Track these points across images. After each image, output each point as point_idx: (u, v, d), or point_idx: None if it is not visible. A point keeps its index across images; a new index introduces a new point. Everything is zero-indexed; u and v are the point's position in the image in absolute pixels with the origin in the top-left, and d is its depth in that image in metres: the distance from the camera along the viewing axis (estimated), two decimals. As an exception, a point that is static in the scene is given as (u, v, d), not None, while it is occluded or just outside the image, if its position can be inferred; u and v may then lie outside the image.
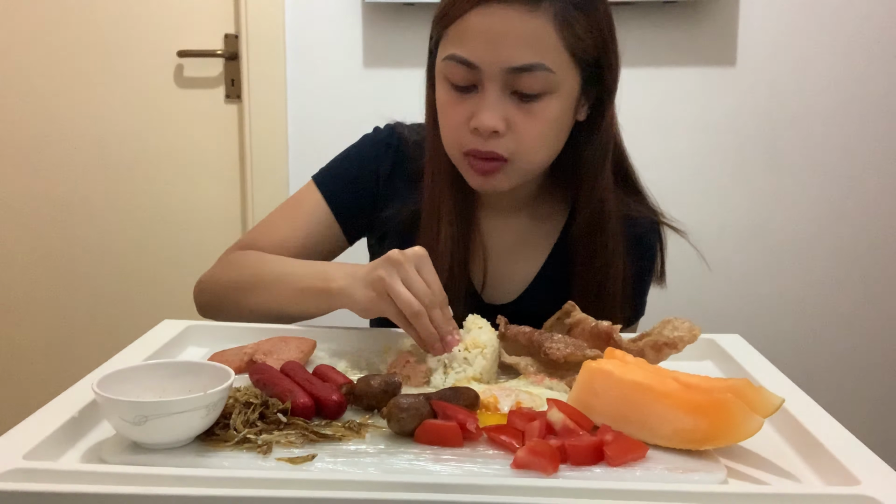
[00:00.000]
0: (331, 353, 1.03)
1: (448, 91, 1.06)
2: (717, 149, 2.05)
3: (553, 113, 1.04)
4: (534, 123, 1.03)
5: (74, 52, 2.11)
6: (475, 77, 1.02)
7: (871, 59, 2.01)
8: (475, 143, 1.04)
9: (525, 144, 1.04)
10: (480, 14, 1.00)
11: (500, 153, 1.04)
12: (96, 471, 0.68)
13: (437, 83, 1.09)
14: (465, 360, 0.92)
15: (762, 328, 2.10)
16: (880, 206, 2.07)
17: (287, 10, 2.03)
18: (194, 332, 1.06)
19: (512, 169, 1.06)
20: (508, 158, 1.04)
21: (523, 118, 1.03)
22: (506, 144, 1.04)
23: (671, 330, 0.93)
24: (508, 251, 1.19)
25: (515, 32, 1.00)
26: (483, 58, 1.01)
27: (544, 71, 1.01)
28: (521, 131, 1.03)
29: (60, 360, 2.20)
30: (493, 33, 1.00)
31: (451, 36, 1.04)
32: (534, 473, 0.68)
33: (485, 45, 1.00)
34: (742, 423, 0.72)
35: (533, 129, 1.04)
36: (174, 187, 2.16)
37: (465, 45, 1.02)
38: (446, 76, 1.05)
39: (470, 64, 1.02)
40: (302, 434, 0.75)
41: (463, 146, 1.05)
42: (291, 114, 2.07)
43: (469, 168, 1.07)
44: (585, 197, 1.14)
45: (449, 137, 1.08)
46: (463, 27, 1.02)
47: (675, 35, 2.01)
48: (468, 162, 1.06)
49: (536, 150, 1.06)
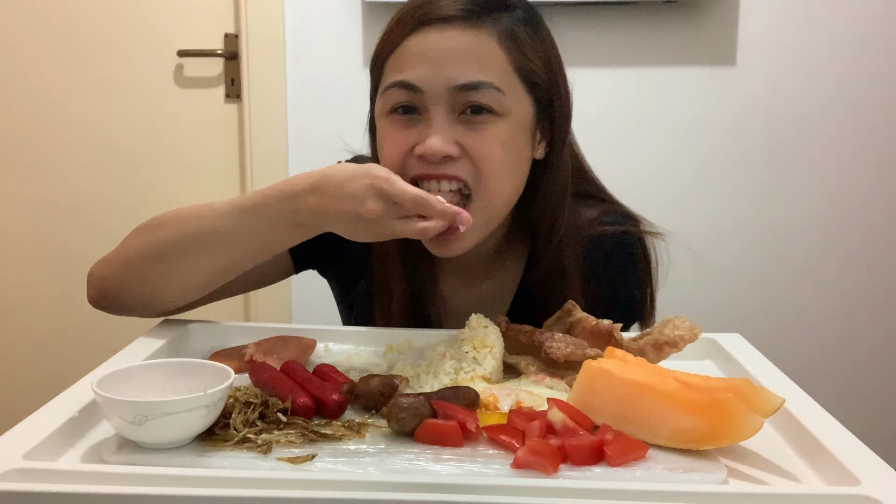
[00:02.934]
0: (331, 353, 1.03)
1: (391, 123, 0.96)
2: (717, 149, 2.05)
3: (506, 136, 0.95)
4: (488, 145, 0.94)
5: (74, 52, 2.11)
6: (419, 101, 0.94)
7: (872, 58, 2.01)
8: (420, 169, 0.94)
9: (485, 170, 0.94)
10: (419, 38, 0.94)
11: (457, 174, 0.94)
12: (96, 471, 0.67)
13: (381, 124, 0.99)
14: (475, 360, 0.92)
15: (762, 328, 2.10)
16: (881, 206, 2.07)
17: (287, 10, 2.03)
18: (194, 332, 1.06)
19: (475, 209, 0.94)
20: (471, 191, 0.95)
21: (475, 141, 0.94)
22: (462, 168, 0.94)
23: (672, 329, 0.93)
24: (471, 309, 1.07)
25: (458, 50, 0.93)
26: (425, 78, 0.93)
27: (492, 89, 0.94)
28: (476, 154, 0.94)
29: (60, 360, 2.19)
30: (434, 53, 0.93)
31: (389, 68, 0.97)
32: (534, 473, 0.68)
33: (426, 65, 0.93)
34: (742, 423, 0.72)
35: (489, 152, 0.94)
36: (174, 187, 2.16)
37: (406, 68, 0.94)
38: (385, 109, 0.97)
39: (412, 87, 0.94)
40: (302, 434, 0.75)
41: (406, 177, 0.94)
42: (291, 114, 2.07)
43: None
44: (543, 244, 1.06)
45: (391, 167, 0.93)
46: (400, 54, 0.95)
47: (675, 35, 2.00)
48: None
49: (498, 180, 0.96)
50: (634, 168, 2.04)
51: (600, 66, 2.02)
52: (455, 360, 0.93)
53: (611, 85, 2.03)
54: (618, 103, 2.04)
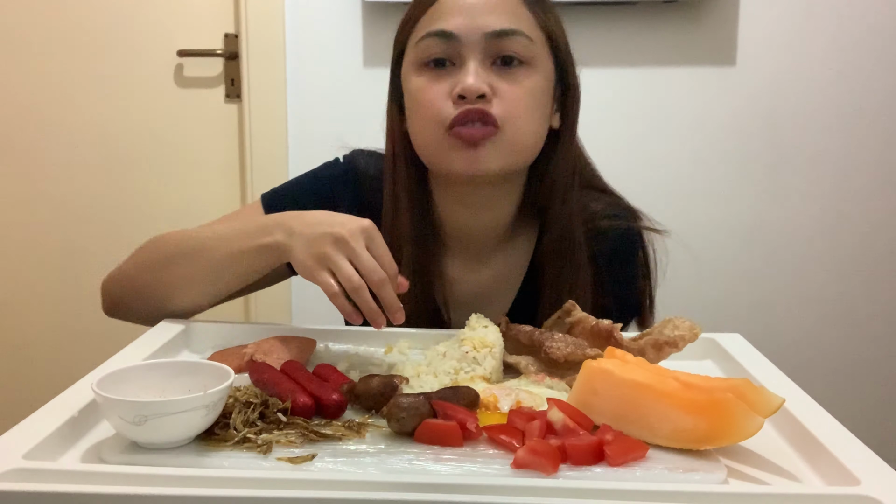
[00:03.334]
0: (331, 353, 1.03)
1: (423, 75, 1.02)
2: (717, 149, 2.05)
3: (533, 85, 1.01)
4: (517, 90, 1.00)
5: (74, 52, 2.11)
6: (453, 51, 1.00)
7: (871, 58, 2.01)
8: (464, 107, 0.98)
9: (513, 111, 0.99)
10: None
11: (491, 113, 0.98)
12: (96, 471, 0.67)
13: (407, 76, 1.04)
14: (475, 360, 0.92)
15: (762, 328, 2.10)
16: (880, 206, 2.07)
17: (287, 10, 2.03)
18: (194, 332, 1.06)
19: (500, 140, 0.99)
20: (499, 126, 0.99)
21: (507, 85, 1.00)
22: (494, 108, 0.99)
23: (672, 329, 0.93)
24: (479, 294, 1.14)
25: (490, 3, 1.00)
26: (461, 26, 0.99)
27: (523, 37, 1.00)
28: (507, 97, 0.99)
29: (60, 360, 2.19)
30: (468, 4, 1.00)
31: (423, 23, 1.02)
32: (534, 473, 0.68)
33: (461, 15, 1.00)
34: (742, 423, 0.72)
35: (519, 97, 1.00)
36: (174, 187, 2.16)
37: (442, 20, 1.00)
38: (420, 59, 1.02)
39: (448, 35, 0.99)
40: (302, 434, 0.75)
41: (446, 121, 0.99)
42: (291, 114, 2.07)
43: (454, 143, 0.99)
44: (554, 217, 1.09)
45: (427, 118, 1.00)
46: (434, 11, 1.02)
47: (675, 35, 2.01)
48: (453, 138, 0.99)
49: (524, 121, 1.01)
50: (634, 168, 2.04)
51: (600, 66, 2.02)
52: (455, 360, 0.93)
53: (611, 85, 2.03)
54: (618, 103, 2.04)
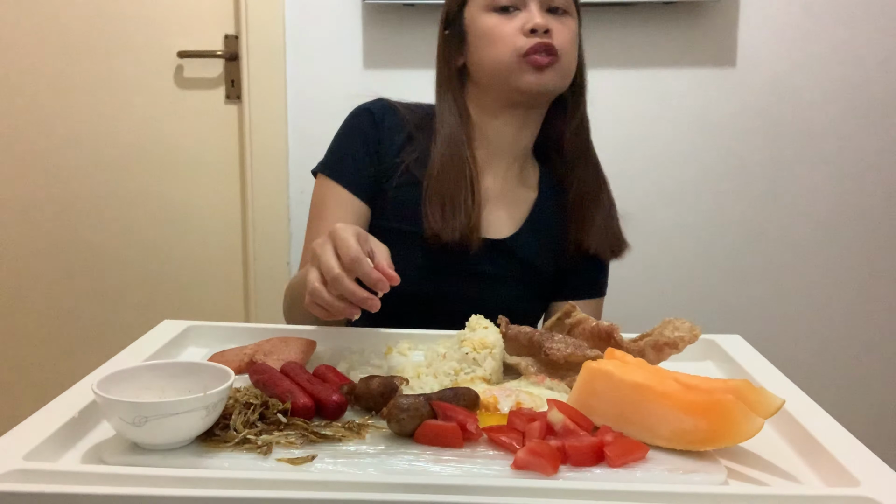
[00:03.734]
0: (331, 354, 1.03)
1: (493, 17, 1.24)
2: (717, 149, 2.05)
3: (574, 29, 1.26)
4: (565, 31, 1.24)
5: (75, 53, 2.11)
6: (517, 0, 1.23)
7: (871, 58, 2.01)
8: (534, 40, 1.20)
9: (566, 46, 1.23)
10: None
11: (554, 45, 1.21)
12: (96, 472, 0.68)
13: (477, 18, 1.25)
14: (475, 361, 0.92)
15: (762, 328, 2.10)
16: (880, 206, 2.07)
17: (287, 10, 2.03)
18: (194, 333, 1.07)
19: (559, 67, 1.22)
20: (559, 54, 1.21)
21: (559, 27, 1.23)
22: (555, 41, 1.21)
23: (672, 330, 0.93)
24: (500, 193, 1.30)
25: None
26: None
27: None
28: (560, 35, 1.23)
29: (60, 361, 2.19)
30: None
31: None
32: (534, 474, 0.68)
33: None
34: (742, 424, 0.72)
35: (567, 35, 1.24)
36: (174, 187, 2.16)
37: None
38: (490, 4, 1.24)
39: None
40: (302, 435, 0.75)
41: (520, 49, 1.20)
42: (291, 114, 2.07)
43: (526, 67, 1.21)
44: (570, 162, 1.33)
45: (504, 48, 1.22)
46: None
47: (675, 35, 2.01)
48: (526, 62, 1.20)
49: (572, 54, 1.25)
50: (635, 168, 2.04)
51: (600, 67, 2.02)
52: (455, 361, 0.93)
53: (611, 86, 2.03)
54: (618, 104, 2.04)
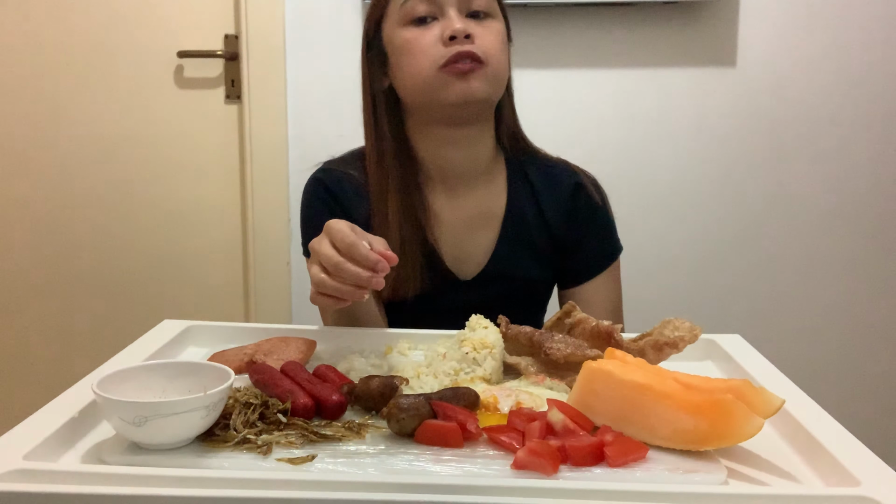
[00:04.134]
0: (331, 354, 1.03)
1: (410, 30, 1.18)
2: (717, 149, 2.05)
3: (499, 30, 1.20)
4: (489, 35, 1.18)
5: (74, 53, 2.11)
6: (434, 8, 1.17)
7: (871, 58, 2.01)
8: (454, 49, 1.15)
9: (491, 49, 1.17)
10: None
11: (476, 53, 1.15)
12: (96, 471, 0.68)
13: (393, 34, 1.20)
14: (474, 361, 0.92)
15: (762, 328, 2.10)
16: (880, 206, 2.07)
17: (287, 10, 2.03)
18: (194, 333, 1.07)
19: (486, 73, 1.16)
20: (483, 60, 1.15)
21: (481, 31, 1.17)
22: (477, 47, 1.16)
23: (672, 330, 0.93)
24: (463, 226, 1.25)
25: None
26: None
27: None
28: (483, 40, 1.17)
29: (60, 360, 2.19)
30: None
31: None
32: (534, 474, 0.68)
33: None
34: (742, 424, 0.72)
35: (492, 39, 1.18)
36: (174, 187, 2.16)
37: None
38: (405, 18, 1.18)
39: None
40: (302, 434, 0.75)
41: (439, 60, 1.15)
42: (291, 114, 2.07)
43: (448, 78, 1.15)
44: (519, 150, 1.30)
45: (422, 61, 1.16)
46: None
47: (675, 35, 2.00)
48: (447, 73, 1.15)
49: (500, 59, 1.19)
50: (634, 168, 2.04)
51: (600, 67, 2.02)
52: (455, 361, 0.93)
53: (611, 85, 2.03)
54: (618, 103, 2.04)
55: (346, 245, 0.92)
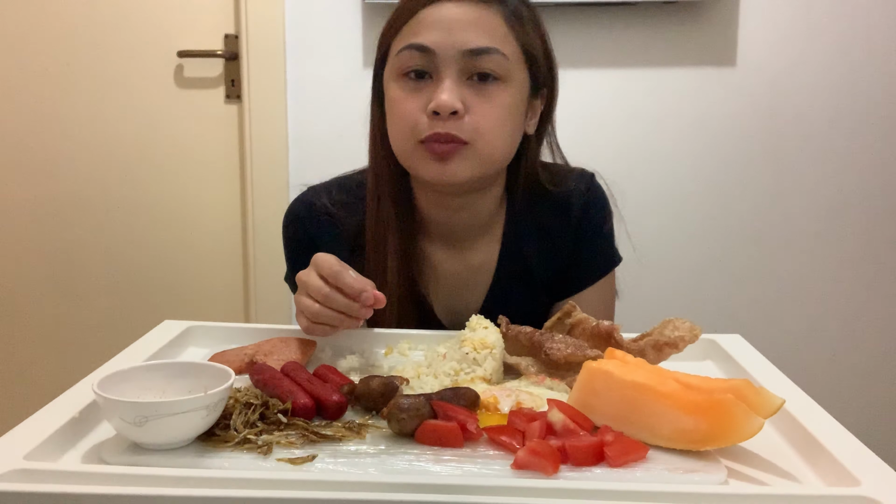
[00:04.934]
0: (331, 354, 1.03)
1: (401, 86, 1.06)
2: (717, 149, 2.05)
3: (507, 100, 1.05)
4: (490, 107, 1.04)
5: (74, 53, 2.11)
6: (431, 64, 1.03)
7: (871, 58, 2.01)
8: (434, 127, 1.02)
9: (483, 127, 1.04)
10: (434, 8, 1.04)
11: (459, 136, 1.03)
12: (96, 471, 0.68)
13: (388, 83, 1.08)
14: (475, 361, 0.92)
15: (762, 328, 2.10)
16: (880, 206, 2.07)
17: (287, 10, 2.03)
18: (195, 333, 1.07)
19: (471, 153, 1.04)
20: (468, 141, 1.03)
21: (480, 101, 1.03)
22: (465, 127, 1.03)
23: (672, 330, 0.93)
24: (459, 279, 1.20)
25: (469, 19, 1.03)
26: (439, 42, 1.02)
27: (499, 55, 1.03)
28: (479, 114, 1.03)
29: (60, 361, 2.20)
30: (448, 21, 1.03)
31: (403, 35, 1.06)
32: (534, 474, 0.68)
33: (441, 31, 1.03)
34: (742, 424, 0.72)
35: (490, 113, 1.04)
36: (174, 187, 2.16)
37: (421, 34, 1.03)
38: (400, 69, 1.05)
39: (426, 49, 1.02)
40: (302, 434, 0.75)
41: (419, 134, 1.04)
42: (291, 114, 2.07)
43: (425, 155, 1.04)
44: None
45: (402, 129, 1.05)
46: (415, 22, 1.04)
47: (675, 35, 2.00)
48: (424, 149, 1.04)
49: (495, 135, 1.05)
50: (634, 168, 2.04)
51: (600, 67, 2.02)
52: (455, 361, 0.93)
53: (611, 85, 2.03)
54: (618, 104, 2.04)
55: (332, 274, 0.94)
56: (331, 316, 0.96)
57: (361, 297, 0.94)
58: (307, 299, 0.97)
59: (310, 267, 0.98)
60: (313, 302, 0.96)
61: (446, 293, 1.20)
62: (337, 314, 0.96)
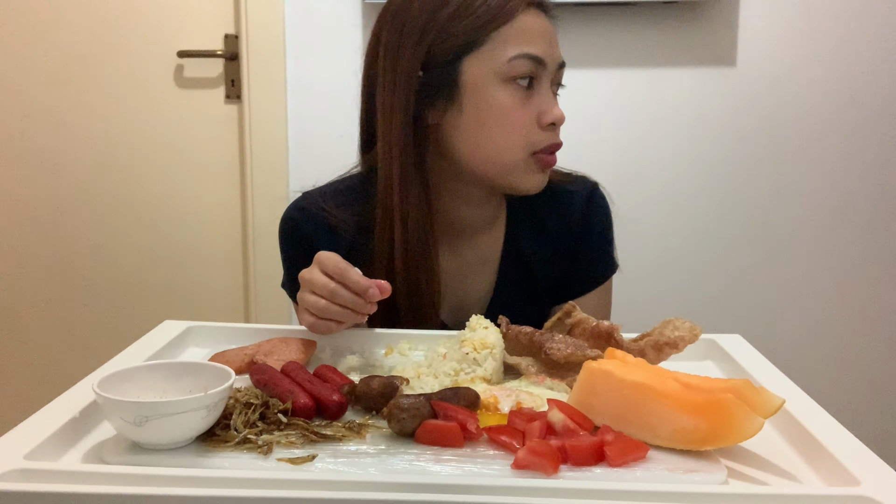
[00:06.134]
0: (331, 354, 1.03)
1: (512, 93, 1.07)
2: (717, 149, 2.05)
3: None
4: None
5: (75, 53, 2.11)
6: (537, 73, 1.08)
7: (871, 58, 2.01)
8: (552, 138, 1.09)
9: None
10: (531, 17, 1.08)
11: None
12: (97, 471, 0.68)
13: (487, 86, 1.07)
14: (475, 361, 0.92)
15: (762, 328, 2.10)
16: (880, 206, 2.07)
17: (287, 10, 2.03)
18: (195, 333, 1.07)
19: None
20: None
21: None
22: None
23: (672, 330, 0.93)
24: (461, 275, 1.21)
25: (552, 31, 1.11)
26: (547, 53, 1.08)
27: None
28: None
29: (61, 361, 2.20)
30: (548, 32, 1.10)
31: (506, 36, 1.06)
32: (534, 474, 0.68)
33: (545, 42, 1.08)
34: (742, 424, 0.72)
35: None
36: (174, 187, 2.16)
37: (533, 43, 1.07)
38: (511, 74, 1.06)
39: (540, 60, 1.07)
40: (302, 434, 0.75)
41: (535, 146, 1.08)
42: (291, 114, 2.07)
43: (534, 167, 1.10)
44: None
45: (516, 140, 1.08)
46: (520, 29, 1.07)
47: (675, 35, 2.01)
48: (534, 160, 1.09)
49: None
50: (634, 168, 2.05)
51: (600, 67, 2.02)
52: (455, 361, 0.93)
53: (611, 85, 2.03)
54: (618, 104, 2.04)
55: (338, 272, 0.95)
56: (337, 311, 0.97)
57: (368, 294, 0.95)
58: (312, 296, 0.97)
59: (313, 265, 0.99)
60: (318, 298, 0.97)
61: (450, 291, 1.21)
62: (343, 309, 0.97)
